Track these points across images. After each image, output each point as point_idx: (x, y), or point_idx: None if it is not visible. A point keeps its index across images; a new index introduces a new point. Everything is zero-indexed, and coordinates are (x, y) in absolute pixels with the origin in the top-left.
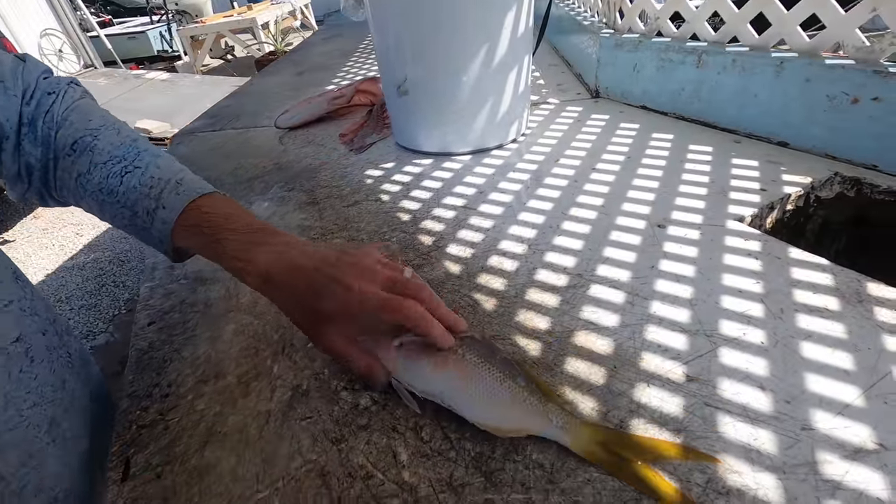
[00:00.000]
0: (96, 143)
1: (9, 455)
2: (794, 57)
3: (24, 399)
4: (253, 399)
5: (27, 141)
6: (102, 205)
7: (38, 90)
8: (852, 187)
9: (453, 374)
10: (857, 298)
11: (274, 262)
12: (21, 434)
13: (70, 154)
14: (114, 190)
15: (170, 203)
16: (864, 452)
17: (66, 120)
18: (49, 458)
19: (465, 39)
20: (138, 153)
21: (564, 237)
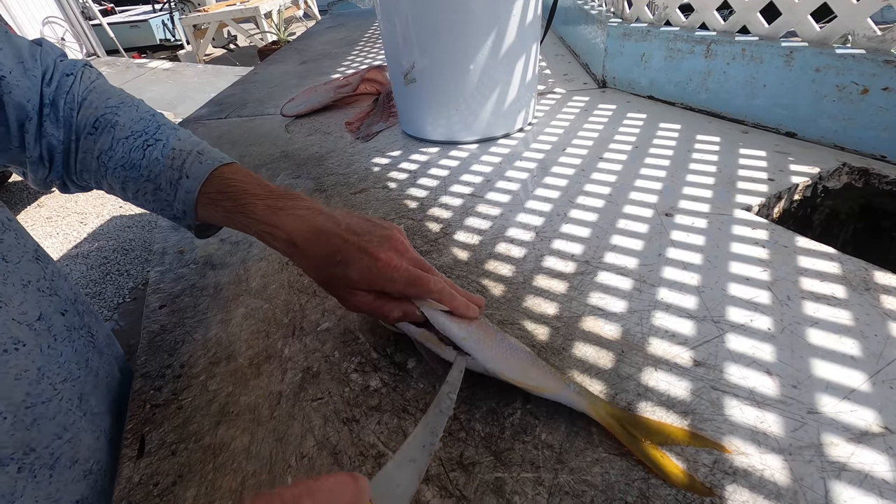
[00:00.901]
0: (117, 119)
1: (44, 427)
2: (805, 47)
3: (56, 373)
4: (264, 380)
5: (49, 122)
6: (125, 181)
7: (56, 72)
8: (860, 178)
9: (477, 329)
10: (864, 286)
11: (300, 226)
12: (55, 407)
13: (92, 133)
14: (136, 164)
15: (193, 172)
16: (869, 435)
17: (86, 100)
18: (82, 431)
19: (472, 27)
20: (158, 127)
21: (572, 225)
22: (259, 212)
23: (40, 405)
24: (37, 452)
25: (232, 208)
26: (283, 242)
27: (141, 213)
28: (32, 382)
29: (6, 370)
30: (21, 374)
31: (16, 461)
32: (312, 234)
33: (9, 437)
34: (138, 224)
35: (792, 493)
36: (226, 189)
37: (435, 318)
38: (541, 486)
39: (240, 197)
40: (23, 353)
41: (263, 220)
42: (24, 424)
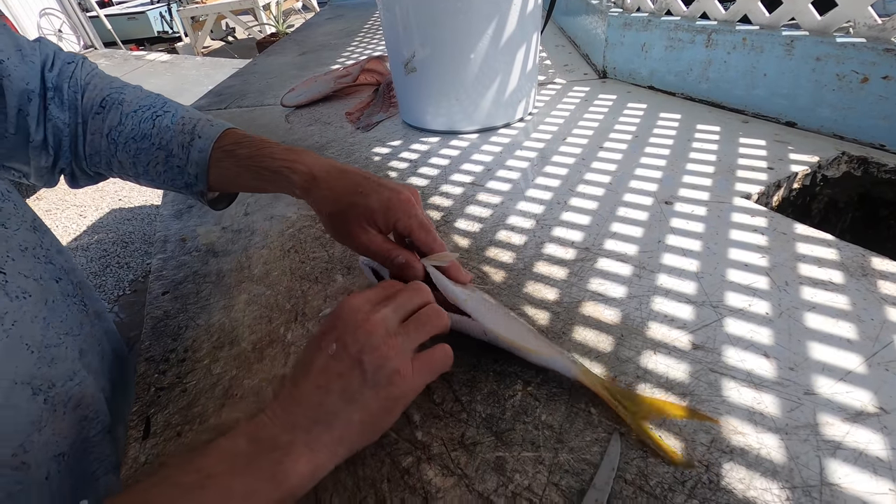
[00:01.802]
0: (123, 97)
1: (59, 367)
2: (805, 36)
3: (58, 325)
4: (267, 364)
5: (54, 105)
6: (137, 153)
7: (57, 59)
8: (859, 166)
9: (478, 293)
10: (861, 272)
11: (321, 164)
12: (63, 352)
13: (99, 112)
14: (147, 133)
15: (205, 133)
16: (864, 415)
17: (90, 84)
18: (86, 380)
19: (473, 17)
20: (165, 102)
21: (572, 213)
22: (278, 152)
23: (53, 348)
24: (56, 388)
25: (248, 155)
26: (302, 175)
27: (140, 205)
28: (43, 328)
29: (24, 311)
30: (34, 318)
31: (43, 392)
32: (333, 170)
33: (36, 369)
34: (137, 217)
35: (788, 471)
36: (241, 140)
37: (438, 277)
38: (541, 465)
39: (257, 144)
40: (31, 301)
41: (283, 158)
42: (45, 360)
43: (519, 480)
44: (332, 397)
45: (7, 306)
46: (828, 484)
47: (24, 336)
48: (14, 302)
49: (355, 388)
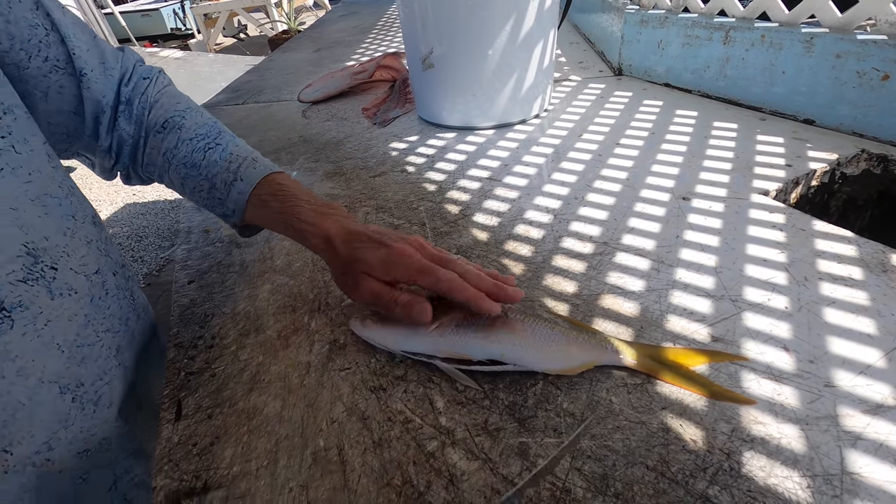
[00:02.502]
0: (184, 122)
1: (90, 366)
2: (825, 33)
3: (100, 322)
4: (293, 351)
5: (123, 118)
6: (185, 178)
7: (135, 74)
8: (879, 164)
9: (506, 333)
10: (881, 268)
11: (337, 228)
12: (97, 351)
13: (160, 132)
14: (197, 164)
15: (247, 176)
16: (885, 408)
17: (158, 102)
18: (116, 379)
19: (492, 14)
20: (219, 133)
21: (589, 208)
22: (306, 213)
23: (86, 347)
24: (85, 387)
25: (280, 209)
26: (321, 239)
27: (154, 200)
28: (80, 326)
29: (62, 311)
30: (72, 317)
31: (71, 391)
32: (346, 233)
33: (65, 368)
34: (151, 211)
35: (808, 460)
36: (277, 192)
37: (467, 348)
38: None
39: (289, 199)
40: (74, 299)
41: (308, 221)
42: (75, 360)
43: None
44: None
45: (46, 305)
46: (848, 473)
47: (56, 336)
48: (55, 300)
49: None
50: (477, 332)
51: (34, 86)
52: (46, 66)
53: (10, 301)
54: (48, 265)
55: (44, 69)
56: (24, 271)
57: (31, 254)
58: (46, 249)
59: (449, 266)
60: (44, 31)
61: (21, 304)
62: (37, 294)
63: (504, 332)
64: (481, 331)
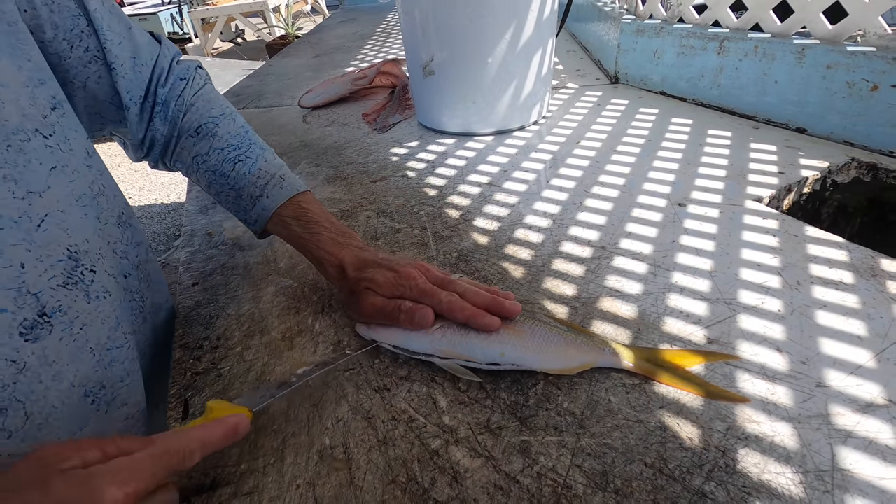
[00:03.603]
0: (217, 130)
1: (115, 368)
2: (816, 44)
3: (129, 324)
4: (297, 352)
5: (158, 119)
6: (211, 183)
7: (171, 74)
8: (868, 172)
9: (506, 334)
10: (870, 273)
11: (351, 258)
12: (125, 353)
13: (193, 136)
14: (226, 174)
15: (273, 194)
16: (874, 407)
17: (193, 105)
18: (137, 381)
19: (492, 22)
20: (250, 145)
21: (588, 213)
22: (325, 242)
23: (116, 349)
24: (105, 390)
25: (301, 234)
26: (336, 267)
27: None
28: (112, 328)
29: (97, 314)
30: (105, 320)
31: (93, 394)
32: (358, 261)
33: (93, 372)
34: (147, 215)
35: (801, 457)
36: (301, 216)
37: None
38: (564, 448)
39: (311, 226)
40: (109, 301)
41: (326, 249)
42: (103, 364)
43: (544, 462)
44: None
45: (83, 309)
46: (839, 469)
47: (90, 339)
48: (92, 303)
49: None
50: (479, 333)
51: (74, 76)
52: (87, 56)
53: (50, 306)
54: (88, 268)
55: (84, 59)
56: (65, 275)
57: (72, 257)
58: (88, 252)
59: (450, 287)
60: (84, 21)
61: (60, 308)
62: (75, 298)
63: (504, 333)
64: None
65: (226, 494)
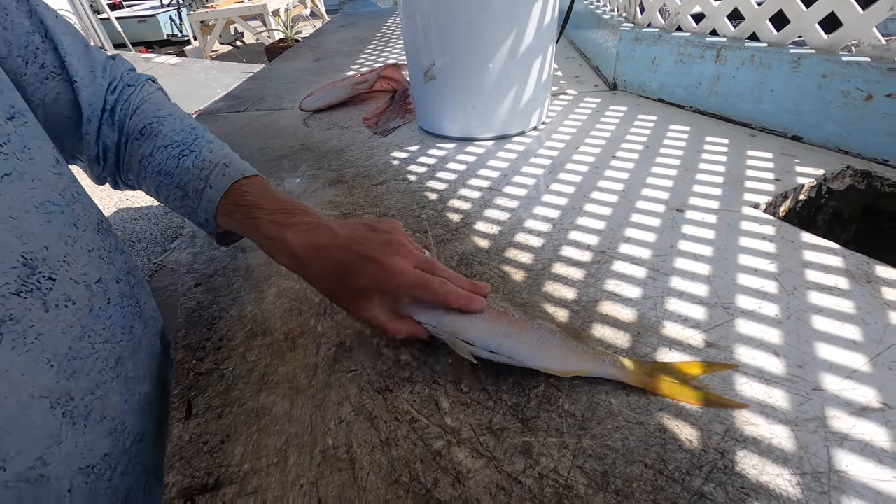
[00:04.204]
0: (161, 129)
1: (80, 380)
2: (812, 53)
3: (98, 333)
4: (300, 353)
5: (106, 125)
6: (160, 186)
7: (121, 82)
8: (863, 180)
9: (509, 328)
10: (865, 279)
11: (302, 241)
12: (91, 364)
13: (138, 138)
14: (170, 171)
15: (216, 183)
16: (869, 410)
17: (139, 108)
18: (112, 392)
19: (493, 28)
20: (195, 139)
21: (587, 218)
22: (265, 226)
23: (79, 360)
24: (75, 402)
25: (242, 220)
26: (287, 256)
27: (146, 206)
28: (75, 338)
29: (56, 323)
30: (66, 329)
31: (60, 406)
32: (314, 248)
33: (54, 383)
34: (144, 217)
35: (798, 459)
36: (239, 202)
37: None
38: (565, 450)
39: (250, 210)
40: (71, 310)
41: (268, 235)
42: (65, 374)
43: (545, 463)
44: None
45: (39, 318)
46: (836, 471)
47: (47, 350)
48: (50, 312)
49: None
50: (484, 318)
51: (32, 93)
52: (43, 72)
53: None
54: (45, 276)
55: (41, 75)
56: (18, 283)
57: (27, 264)
58: (46, 259)
59: (436, 272)
60: (39, 38)
61: (12, 317)
62: (30, 307)
63: (508, 325)
64: (487, 319)
65: (230, 493)
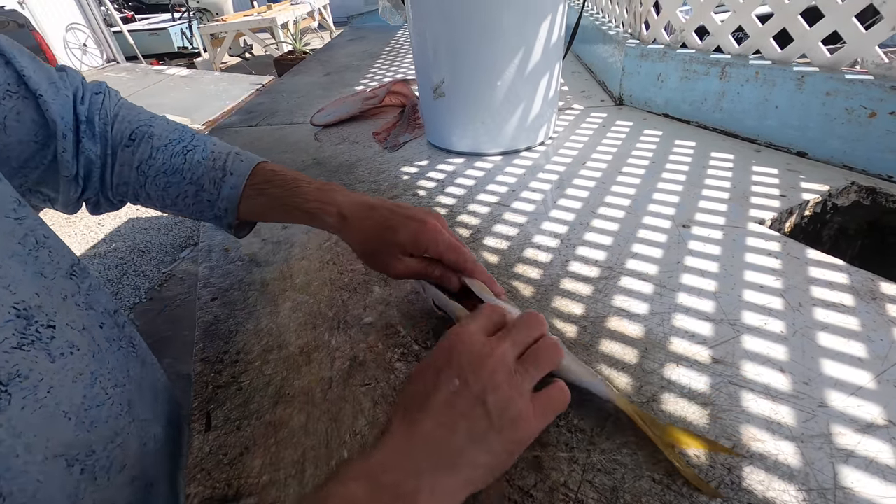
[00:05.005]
0: (153, 130)
1: (100, 429)
2: (815, 71)
3: (107, 378)
4: (315, 367)
5: (86, 138)
6: (167, 186)
7: (86, 91)
8: (868, 196)
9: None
10: (871, 296)
11: (350, 203)
12: (107, 411)
13: (129, 145)
14: (179, 168)
15: (237, 169)
16: (874, 427)
17: (118, 115)
18: (131, 437)
19: (502, 46)
20: (193, 134)
21: (594, 233)
22: (310, 192)
23: (95, 408)
24: (97, 455)
25: (280, 194)
26: (335, 216)
27: (157, 216)
28: (87, 385)
29: (66, 372)
30: (77, 378)
31: (80, 462)
32: (361, 208)
33: (74, 437)
34: (154, 226)
35: (804, 475)
36: (273, 178)
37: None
38: (575, 464)
39: (289, 182)
40: (77, 356)
41: (315, 199)
42: (84, 426)
43: (555, 478)
44: (457, 438)
45: (46, 370)
46: (841, 487)
47: (62, 402)
48: (57, 362)
49: (481, 429)
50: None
51: None
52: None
53: (5, 373)
54: (44, 324)
55: None
56: (17, 336)
57: (22, 315)
58: (41, 307)
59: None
60: None
61: (19, 373)
62: (35, 359)
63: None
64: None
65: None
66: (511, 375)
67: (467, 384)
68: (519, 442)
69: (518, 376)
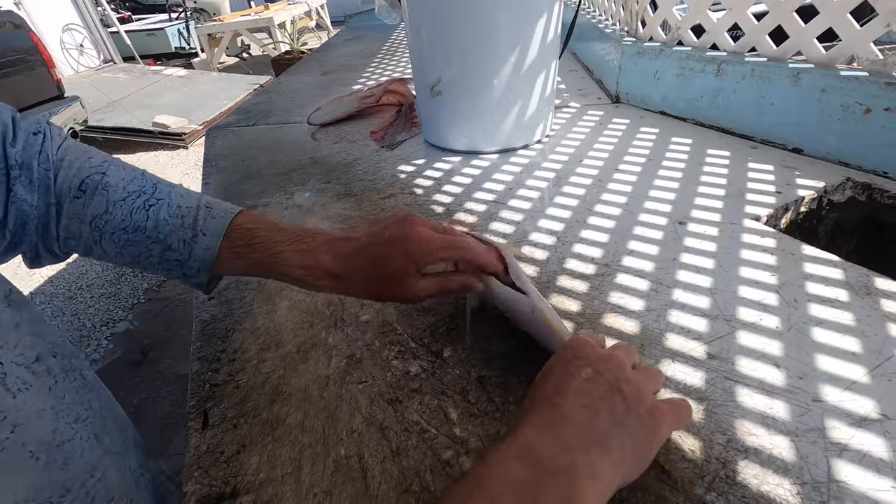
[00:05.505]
0: (107, 179)
1: (75, 466)
2: (811, 68)
3: (68, 412)
4: (312, 365)
5: (20, 185)
6: (126, 245)
7: (18, 130)
8: (863, 192)
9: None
10: (865, 291)
11: (334, 258)
12: (78, 445)
13: (79, 196)
14: (141, 226)
15: (209, 228)
16: (868, 421)
17: (63, 160)
18: (109, 469)
19: (498, 44)
20: (154, 185)
21: (591, 231)
22: (293, 258)
23: (67, 444)
24: (73, 493)
25: (262, 259)
26: (324, 279)
27: None
28: (51, 421)
29: (27, 409)
30: (41, 413)
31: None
32: (346, 258)
33: (45, 477)
34: None
35: (798, 469)
36: (252, 241)
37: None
38: None
39: (269, 247)
40: (33, 392)
41: (298, 265)
42: (56, 464)
43: None
44: (600, 419)
45: (9, 407)
46: (835, 481)
47: (28, 442)
48: (17, 398)
49: (621, 411)
50: None
51: None
52: None
53: None
54: None
55: None
56: None
57: None
58: None
59: (453, 232)
60: None
61: None
62: None
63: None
64: None
65: (246, 502)
66: (636, 373)
67: (600, 373)
68: (657, 433)
69: (642, 375)
